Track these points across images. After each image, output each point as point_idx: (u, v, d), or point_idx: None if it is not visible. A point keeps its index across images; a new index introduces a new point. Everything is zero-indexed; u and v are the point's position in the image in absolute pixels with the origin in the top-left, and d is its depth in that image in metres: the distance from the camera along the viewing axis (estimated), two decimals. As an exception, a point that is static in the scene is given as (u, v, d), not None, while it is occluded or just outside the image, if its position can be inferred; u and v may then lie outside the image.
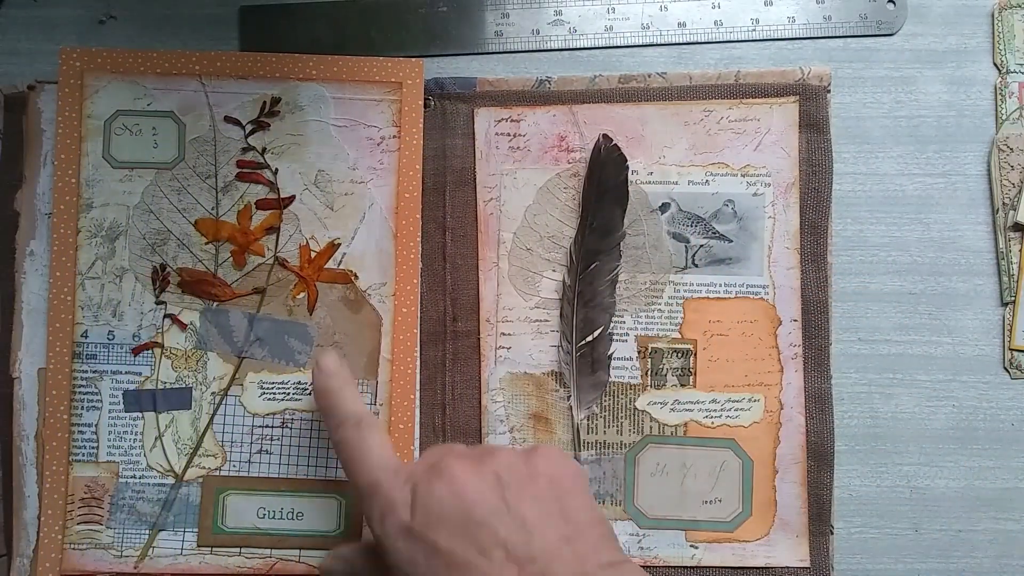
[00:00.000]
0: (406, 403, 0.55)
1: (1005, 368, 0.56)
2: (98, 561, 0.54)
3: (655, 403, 0.56)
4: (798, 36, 0.58)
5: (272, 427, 0.55)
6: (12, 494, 0.55)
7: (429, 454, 0.44)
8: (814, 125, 0.56)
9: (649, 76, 0.57)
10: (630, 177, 0.56)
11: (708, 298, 0.56)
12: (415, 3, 0.59)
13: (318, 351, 0.54)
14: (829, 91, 0.57)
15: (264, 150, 0.56)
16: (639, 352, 0.56)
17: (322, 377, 0.49)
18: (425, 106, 0.57)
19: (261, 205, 0.56)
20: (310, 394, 0.55)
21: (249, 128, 0.56)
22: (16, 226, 0.56)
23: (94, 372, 0.55)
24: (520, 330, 0.56)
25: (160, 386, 0.55)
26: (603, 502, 0.55)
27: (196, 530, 0.55)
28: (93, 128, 0.56)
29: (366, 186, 0.56)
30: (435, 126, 0.57)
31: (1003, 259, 0.56)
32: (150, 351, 0.55)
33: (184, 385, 0.55)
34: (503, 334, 0.56)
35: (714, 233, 0.56)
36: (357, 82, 0.57)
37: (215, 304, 0.56)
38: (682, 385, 0.56)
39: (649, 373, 0.56)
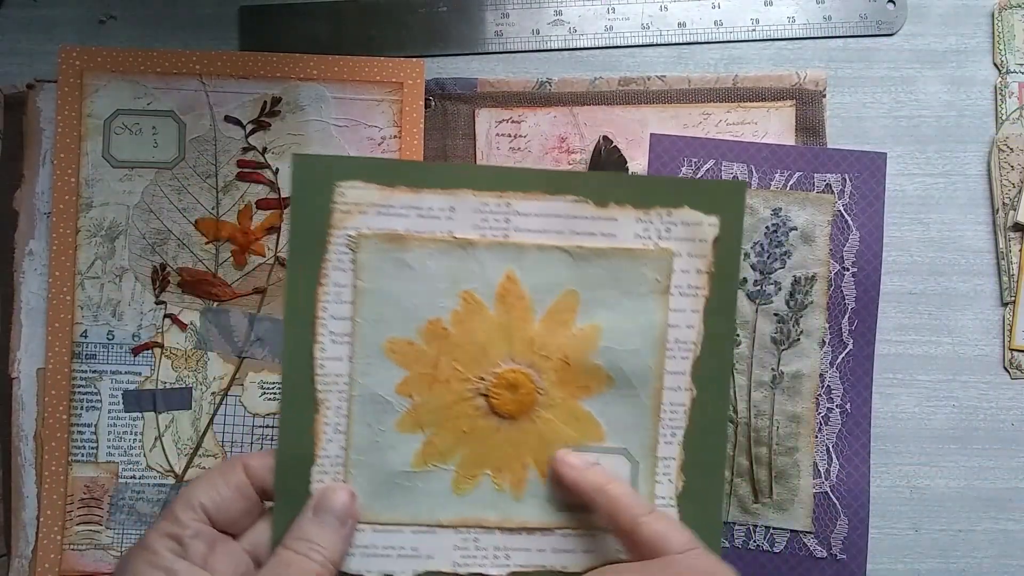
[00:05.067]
0: (407, 403, 0.55)
1: (1005, 368, 0.56)
2: (98, 562, 0.54)
3: (656, 403, 0.56)
4: (798, 36, 0.58)
5: (273, 427, 0.55)
6: (11, 494, 0.54)
7: None
8: (810, 129, 0.56)
9: (648, 79, 0.57)
10: (630, 177, 0.56)
11: (708, 298, 0.56)
12: (415, 3, 0.59)
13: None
14: (825, 95, 0.57)
15: (265, 150, 0.56)
16: (639, 352, 0.56)
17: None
18: (426, 106, 0.57)
19: (262, 205, 0.56)
20: None
21: (250, 128, 0.56)
22: (15, 226, 0.56)
23: (94, 372, 0.55)
24: (520, 330, 0.56)
25: (160, 386, 0.55)
26: (604, 502, 0.55)
27: (196, 530, 0.54)
28: (93, 127, 0.55)
29: (367, 186, 0.56)
30: (436, 126, 0.57)
31: (1003, 259, 0.56)
32: (150, 351, 0.55)
33: (184, 385, 0.55)
34: (503, 334, 0.56)
35: (714, 233, 0.56)
36: (358, 82, 0.57)
37: (215, 304, 0.55)
38: (682, 385, 0.56)
39: (649, 373, 0.56)
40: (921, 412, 0.56)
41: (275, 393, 0.55)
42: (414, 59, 0.57)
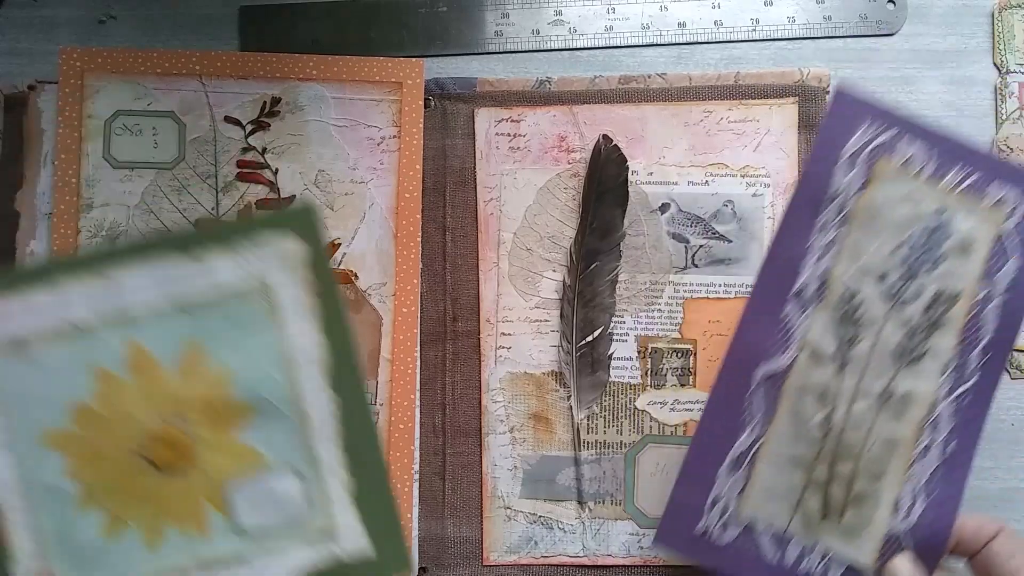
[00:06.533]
0: (406, 403, 0.55)
1: (1005, 368, 0.56)
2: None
3: (655, 403, 0.56)
4: (798, 36, 0.58)
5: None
6: None
7: None
8: (813, 126, 0.56)
9: (649, 77, 0.57)
10: (630, 177, 0.56)
11: (708, 298, 0.56)
12: (415, 3, 0.59)
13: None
14: (828, 92, 0.57)
15: (264, 150, 0.56)
16: (639, 352, 0.56)
17: None
18: (425, 106, 0.57)
19: (261, 205, 0.56)
20: None
21: (249, 128, 0.56)
22: (16, 226, 0.56)
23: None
24: (520, 330, 0.56)
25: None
26: (603, 502, 0.55)
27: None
28: (93, 128, 0.56)
29: (366, 186, 0.56)
30: (435, 126, 0.58)
31: (1003, 259, 0.56)
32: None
33: None
34: (503, 334, 0.56)
35: (714, 233, 0.56)
36: (357, 82, 0.57)
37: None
38: (682, 385, 0.56)
39: (649, 373, 0.56)
40: (920, 412, 0.56)
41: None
42: (414, 59, 0.57)
